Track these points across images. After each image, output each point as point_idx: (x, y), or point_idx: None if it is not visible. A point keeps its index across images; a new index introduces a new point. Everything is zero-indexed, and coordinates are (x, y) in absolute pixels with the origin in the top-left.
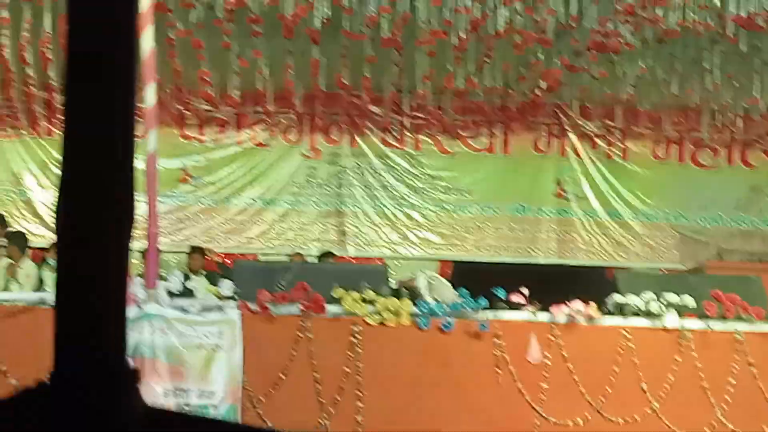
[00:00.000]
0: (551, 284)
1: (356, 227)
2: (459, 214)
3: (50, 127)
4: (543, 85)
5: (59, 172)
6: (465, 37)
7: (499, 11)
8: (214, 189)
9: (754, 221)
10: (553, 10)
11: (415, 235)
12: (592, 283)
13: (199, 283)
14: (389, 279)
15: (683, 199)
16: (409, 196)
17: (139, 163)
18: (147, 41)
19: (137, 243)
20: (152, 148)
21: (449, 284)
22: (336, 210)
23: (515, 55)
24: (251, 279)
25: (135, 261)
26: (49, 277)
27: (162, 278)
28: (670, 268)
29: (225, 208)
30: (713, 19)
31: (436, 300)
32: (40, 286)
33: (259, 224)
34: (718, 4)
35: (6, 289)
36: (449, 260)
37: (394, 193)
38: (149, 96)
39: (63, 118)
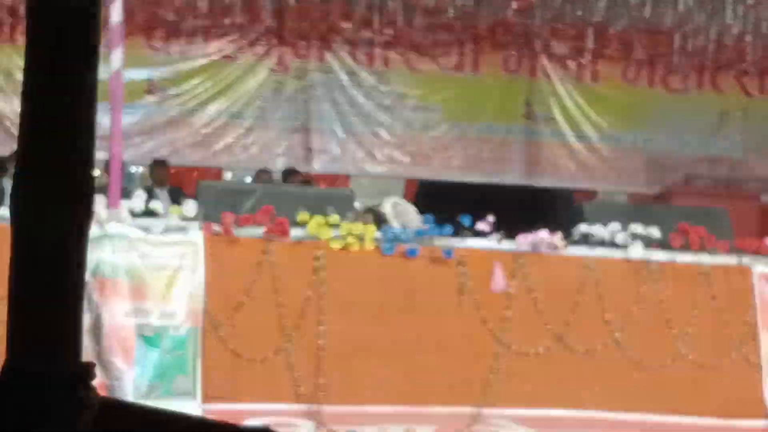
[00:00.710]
0: (518, 210)
1: (322, 144)
2: (427, 133)
3: (14, 32)
4: (514, 5)
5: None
6: None
7: None
8: (179, 101)
9: (722, 147)
10: None
11: (382, 153)
12: (558, 212)
13: (162, 202)
14: (355, 203)
15: (652, 122)
16: (376, 114)
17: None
18: None
19: (101, 154)
20: (117, 65)
21: (415, 209)
22: (302, 126)
23: None
24: (215, 200)
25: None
26: (8, 186)
27: (125, 195)
28: (636, 191)
29: (190, 120)
30: None
31: (402, 226)
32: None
33: (225, 138)
34: None
35: None
36: (415, 179)
37: (362, 110)
38: (115, 12)
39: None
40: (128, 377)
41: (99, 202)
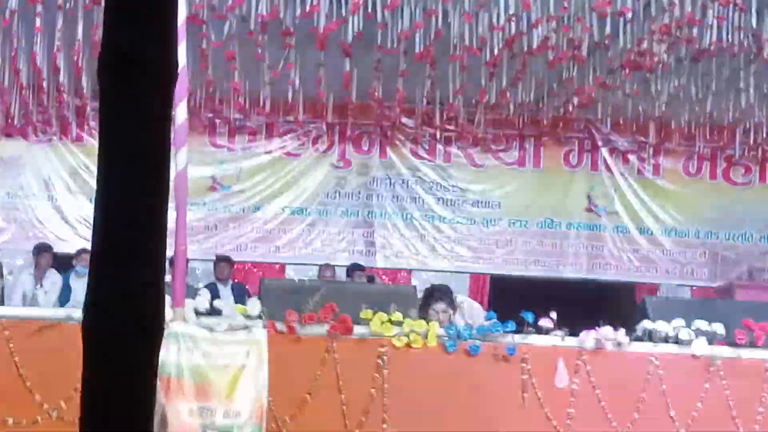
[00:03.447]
0: (581, 307)
1: (385, 238)
2: (488, 228)
3: (80, 133)
4: (575, 101)
5: (92, 179)
6: (498, 53)
7: (534, 29)
8: (243, 198)
9: None
10: (589, 27)
11: (444, 247)
12: (621, 308)
13: (226, 298)
14: (418, 300)
15: (714, 216)
16: (438, 209)
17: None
18: (181, 56)
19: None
20: (182, 165)
21: (479, 306)
22: (364, 221)
23: (548, 71)
24: (279, 298)
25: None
26: (75, 282)
27: (189, 293)
28: (699, 285)
29: (253, 216)
30: (749, 39)
31: (467, 322)
32: (67, 293)
33: (288, 233)
34: (754, 25)
35: (33, 297)
36: (480, 273)
37: (424, 205)
38: (180, 112)
39: (98, 125)
40: None
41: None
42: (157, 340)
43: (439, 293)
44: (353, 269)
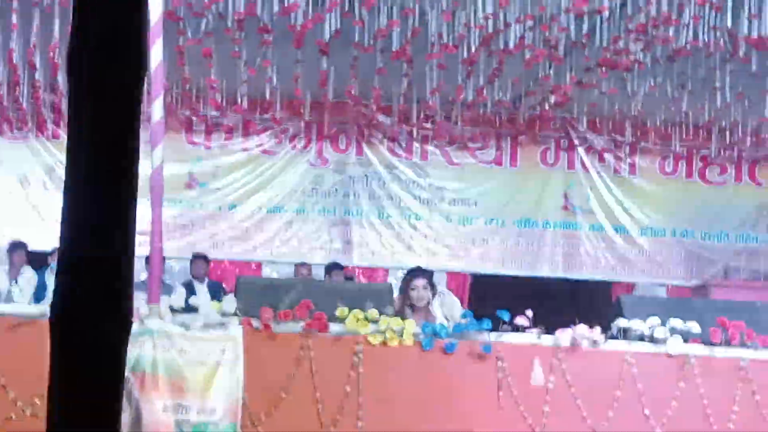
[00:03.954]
0: (556, 305)
1: (361, 237)
2: (464, 226)
3: (57, 129)
4: (552, 99)
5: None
6: (475, 51)
7: (511, 28)
8: (219, 195)
9: (761, 239)
10: (565, 27)
11: (420, 245)
12: (597, 306)
13: (202, 295)
14: (394, 298)
15: (690, 215)
16: (414, 207)
17: (145, 170)
18: (156, 54)
19: (141, 249)
20: (158, 161)
21: (458, 302)
22: (341, 219)
23: (525, 70)
24: (255, 295)
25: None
26: (51, 280)
27: (165, 290)
28: (674, 284)
29: (230, 214)
30: (725, 39)
31: (446, 318)
32: (43, 291)
33: (264, 231)
34: (730, 25)
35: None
36: (456, 272)
37: (400, 203)
38: (157, 110)
39: (68, 124)
40: None
41: (139, 298)
42: (124, 336)
43: (419, 271)
44: (332, 268)
